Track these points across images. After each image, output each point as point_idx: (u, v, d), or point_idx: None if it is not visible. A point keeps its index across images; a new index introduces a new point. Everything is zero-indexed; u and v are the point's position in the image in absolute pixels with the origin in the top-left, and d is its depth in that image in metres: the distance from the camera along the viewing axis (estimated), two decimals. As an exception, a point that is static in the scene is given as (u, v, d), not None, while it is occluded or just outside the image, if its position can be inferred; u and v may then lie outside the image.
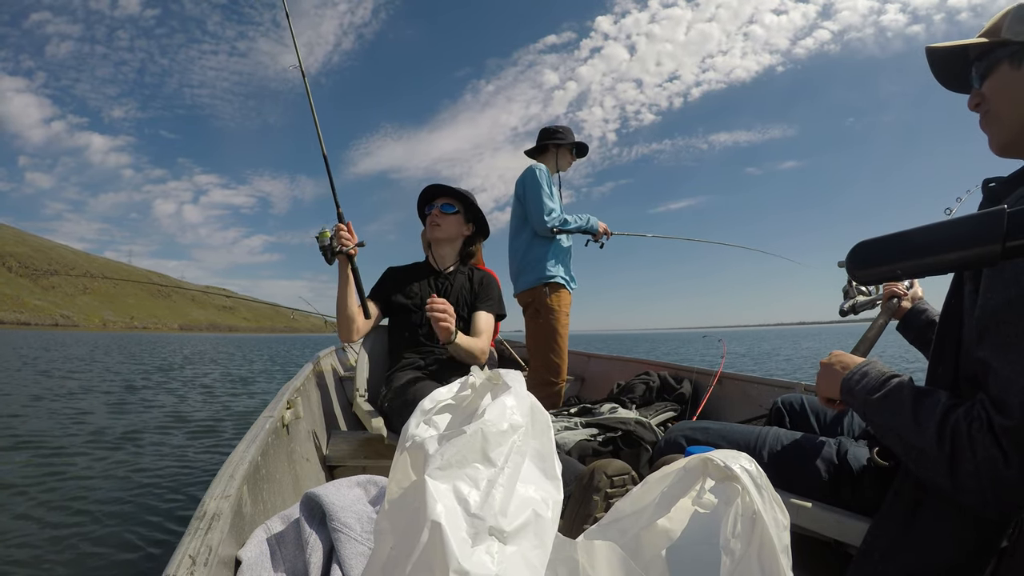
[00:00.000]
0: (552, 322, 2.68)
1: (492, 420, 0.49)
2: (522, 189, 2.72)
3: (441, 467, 0.44)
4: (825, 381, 0.95)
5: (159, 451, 3.78)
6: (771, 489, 0.49)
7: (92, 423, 4.83)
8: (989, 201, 0.83)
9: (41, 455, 3.57)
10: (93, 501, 2.65)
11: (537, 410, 0.57)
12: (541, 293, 2.69)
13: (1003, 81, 0.79)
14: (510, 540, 0.44)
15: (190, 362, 14.79)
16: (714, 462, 0.50)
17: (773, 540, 0.46)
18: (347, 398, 2.68)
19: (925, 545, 0.75)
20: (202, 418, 5.27)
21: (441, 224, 1.93)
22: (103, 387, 7.86)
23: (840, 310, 1.49)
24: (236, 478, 0.77)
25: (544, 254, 2.71)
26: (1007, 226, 0.44)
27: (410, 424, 0.54)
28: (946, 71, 0.90)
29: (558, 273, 2.72)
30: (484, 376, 0.61)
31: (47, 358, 14.69)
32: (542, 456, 0.53)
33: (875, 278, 0.57)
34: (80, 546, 2.12)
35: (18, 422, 4.75)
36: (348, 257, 1.79)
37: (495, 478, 0.45)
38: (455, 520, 0.41)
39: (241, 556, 0.67)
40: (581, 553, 0.54)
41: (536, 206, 2.65)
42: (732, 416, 2.18)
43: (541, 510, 0.48)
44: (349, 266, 1.79)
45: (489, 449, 0.47)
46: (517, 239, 2.80)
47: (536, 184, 2.66)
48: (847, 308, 1.48)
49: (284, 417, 1.26)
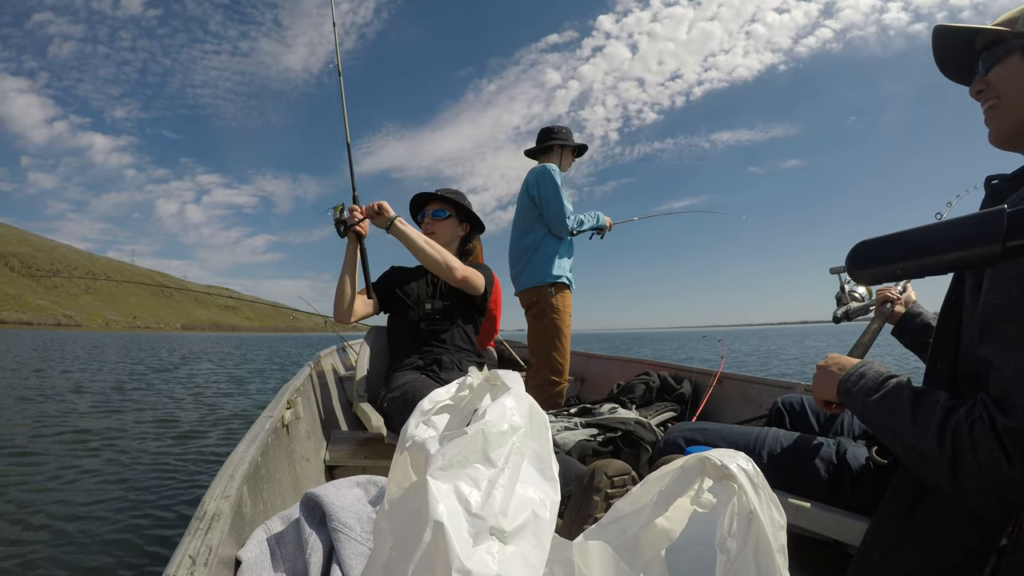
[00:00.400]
0: (557, 322, 2.71)
1: (493, 421, 0.49)
2: (537, 189, 2.72)
3: (443, 467, 0.45)
4: (822, 383, 0.94)
5: (159, 451, 3.79)
6: (768, 489, 0.49)
7: (92, 422, 4.84)
8: (991, 198, 0.83)
9: (41, 454, 3.58)
10: (93, 501, 2.65)
11: (535, 411, 0.57)
12: (547, 293, 2.71)
13: (1013, 70, 0.79)
14: (510, 540, 0.44)
15: (185, 361, 14.81)
16: (712, 461, 0.50)
17: (769, 539, 0.46)
18: (347, 398, 2.68)
19: (924, 544, 0.75)
20: (202, 417, 5.27)
21: (436, 231, 1.95)
22: (100, 386, 7.87)
23: (833, 317, 1.48)
24: (236, 478, 0.77)
25: (553, 254, 2.73)
26: (1007, 226, 0.44)
27: (409, 424, 0.55)
28: (948, 55, 0.89)
29: (564, 273, 2.74)
30: (483, 377, 0.61)
31: (44, 357, 14.72)
32: (540, 457, 0.53)
33: (875, 278, 0.57)
34: (79, 546, 2.12)
35: (18, 421, 4.76)
36: (358, 236, 1.80)
37: (496, 479, 0.46)
38: (457, 520, 0.42)
39: (241, 556, 0.68)
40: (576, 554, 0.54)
41: (557, 208, 2.67)
42: (732, 416, 2.18)
43: (540, 511, 0.48)
44: (358, 245, 1.81)
45: (490, 450, 0.47)
46: (525, 239, 2.80)
47: (555, 185, 2.68)
48: (840, 315, 1.47)
49: (284, 417, 1.26)
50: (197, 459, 3.58)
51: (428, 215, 1.97)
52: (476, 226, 2.07)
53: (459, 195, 2.01)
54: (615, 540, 0.54)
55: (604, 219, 2.93)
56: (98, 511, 2.51)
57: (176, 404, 6.29)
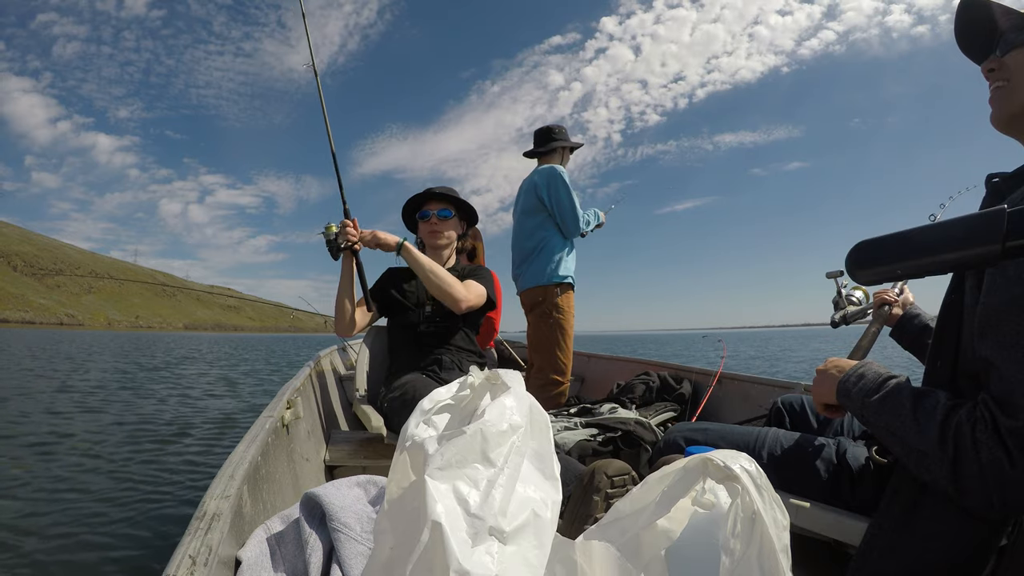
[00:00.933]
0: (562, 322, 2.73)
1: (492, 420, 0.49)
2: (547, 192, 2.73)
3: (441, 467, 0.44)
4: (822, 387, 0.94)
5: (160, 450, 3.78)
6: (771, 489, 0.49)
7: (92, 422, 4.83)
8: (992, 196, 0.82)
9: (40, 454, 3.58)
10: (92, 500, 2.65)
11: (536, 410, 0.57)
12: (553, 293, 2.73)
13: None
14: (510, 540, 0.44)
15: (181, 362, 14.79)
16: (714, 462, 0.50)
17: (773, 540, 0.45)
18: (347, 398, 2.68)
19: (924, 543, 0.74)
20: (201, 417, 5.27)
21: (443, 231, 1.95)
22: (97, 384, 7.86)
23: (831, 321, 1.48)
24: (236, 478, 0.77)
25: (560, 254, 2.75)
26: (1007, 226, 0.44)
27: (409, 424, 0.54)
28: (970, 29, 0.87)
29: (569, 273, 2.76)
30: (483, 376, 0.61)
31: (46, 355, 14.71)
32: (541, 456, 0.53)
33: (875, 278, 0.57)
34: (79, 546, 2.12)
35: (17, 419, 4.76)
36: (353, 252, 1.80)
37: (495, 478, 0.46)
38: (455, 520, 0.41)
39: (241, 556, 0.67)
40: (579, 554, 0.54)
41: (571, 211, 2.69)
42: (732, 416, 2.18)
43: (540, 510, 0.48)
44: (354, 261, 1.80)
45: (489, 449, 0.47)
46: (531, 239, 2.80)
47: (567, 187, 2.69)
48: (838, 319, 1.47)
49: (284, 417, 1.26)
50: (197, 459, 3.57)
51: (434, 215, 1.95)
52: (471, 221, 2.09)
53: (455, 192, 2.01)
54: (616, 540, 0.53)
55: (601, 215, 3.05)
56: (98, 511, 2.50)
57: (176, 403, 6.29)
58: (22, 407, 5.63)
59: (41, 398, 6.35)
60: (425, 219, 1.97)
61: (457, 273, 1.97)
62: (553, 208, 2.72)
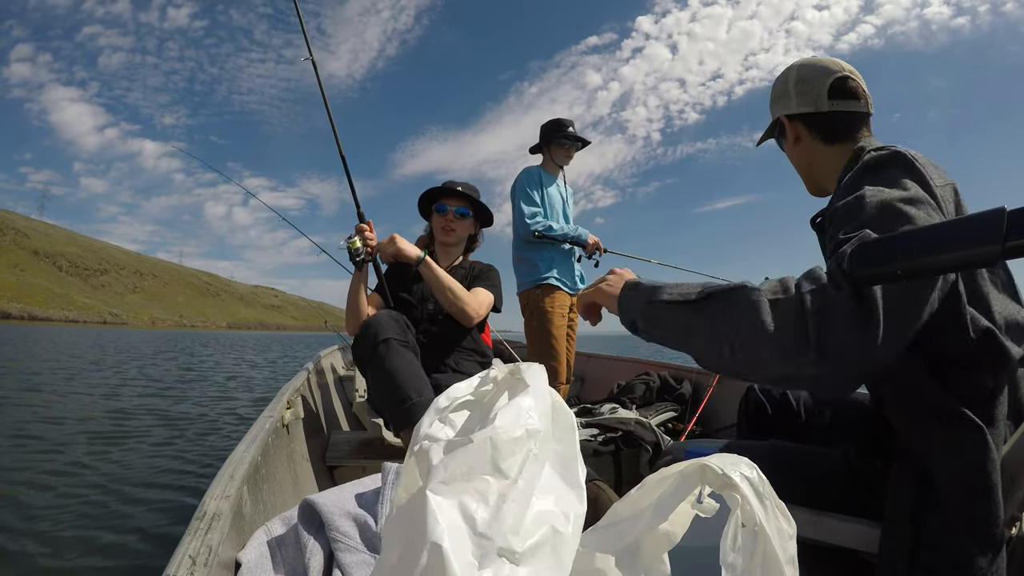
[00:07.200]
0: (545, 324, 2.63)
1: (504, 426, 0.43)
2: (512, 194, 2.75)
3: (445, 481, 0.39)
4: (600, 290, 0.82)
5: (159, 450, 3.78)
6: (774, 497, 0.46)
7: (91, 422, 4.83)
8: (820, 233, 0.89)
9: (39, 453, 3.57)
10: (92, 500, 2.65)
11: (560, 409, 0.51)
12: (534, 295, 2.66)
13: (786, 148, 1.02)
14: (523, 561, 0.39)
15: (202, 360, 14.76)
16: (712, 468, 0.46)
17: (777, 552, 0.43)
18: (347, 398, 2.68)
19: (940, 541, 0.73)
20: (202, 417, 5.27)
21: (457, 229, 1.94)
22: (109, 384, 7.86)
23: None
24: (236, 478, 0.77)
25: (537, 256, 2.69)
26: (1007, 226, 0.44)
27: (423, 423, 0.49)
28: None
29: (551, 274, 2.67)
30: (507, 370, 0.55)
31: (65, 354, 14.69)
32: (564, 462, 0.48)
33: (874, 278, 0.56)
34: (78, 545, 2.11)
35: (17, 419, 4.76)
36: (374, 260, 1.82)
37: (507, 491, 0.40)
38: (459, 541, 0.37)
39: (241, 558, 0.67)
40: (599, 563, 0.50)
41: (517, 211, 2.68)
42: (732, 416, 2.18)
43: (560, 525, 0.42)
44: (372, 265, 1.82)
45: (500, 459, 0.41)
46: (516, 241, 2.79)
47: (519, 189, 2.69)
48: None
49: (284, 417, 1.26)
50: (197, 458, 3.57)
51: (451, 211, 1.92)
52: (485, 223, 2.07)
53: (476, 191, 1.99)
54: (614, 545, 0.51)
55: (586, 235, 2.74)
56: (97, 510, 2.50)
57: (180, 402, 6.29)
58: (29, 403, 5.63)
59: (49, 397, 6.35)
60: (442, 213, 1.94)
61: (465, 271, 1.97)
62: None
